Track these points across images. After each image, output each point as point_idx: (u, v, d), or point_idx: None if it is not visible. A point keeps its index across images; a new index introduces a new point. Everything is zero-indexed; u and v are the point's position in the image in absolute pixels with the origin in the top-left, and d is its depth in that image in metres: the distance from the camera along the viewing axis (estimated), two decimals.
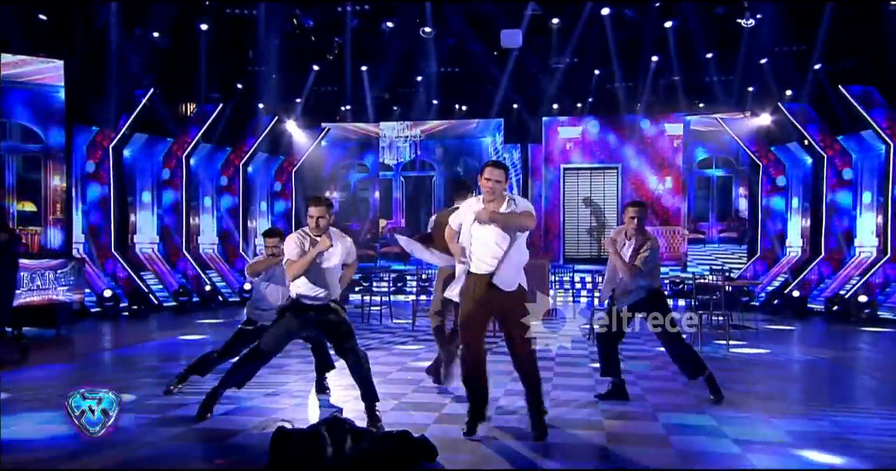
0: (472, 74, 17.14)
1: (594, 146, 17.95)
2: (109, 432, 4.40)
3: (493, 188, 4.93)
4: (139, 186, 15.51)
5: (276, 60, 15.71)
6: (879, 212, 14.40)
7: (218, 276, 16.34)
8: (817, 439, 4.99)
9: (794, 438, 5.01)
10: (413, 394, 6.50)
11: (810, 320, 13.43)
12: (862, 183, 14.89)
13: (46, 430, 5.00)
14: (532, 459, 4.56)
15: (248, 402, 5.98)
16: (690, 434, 5.13)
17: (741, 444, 4.82)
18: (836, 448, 4.76)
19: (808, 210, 16.01)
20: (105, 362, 8.85)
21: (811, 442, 4.91)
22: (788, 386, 7.36)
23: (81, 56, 12.84)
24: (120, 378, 6.97)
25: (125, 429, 4.88)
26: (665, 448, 4.79)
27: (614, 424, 5.38)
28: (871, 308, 13.02)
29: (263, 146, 17.58)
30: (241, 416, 5.58)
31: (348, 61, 16.26)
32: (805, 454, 4.67)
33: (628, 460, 4.56)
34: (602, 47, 15.57)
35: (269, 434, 4.29)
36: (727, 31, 14.57)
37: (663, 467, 4.44)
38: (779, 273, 15.87)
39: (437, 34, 14.74)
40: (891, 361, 9.41)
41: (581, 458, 4.69)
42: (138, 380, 6.92)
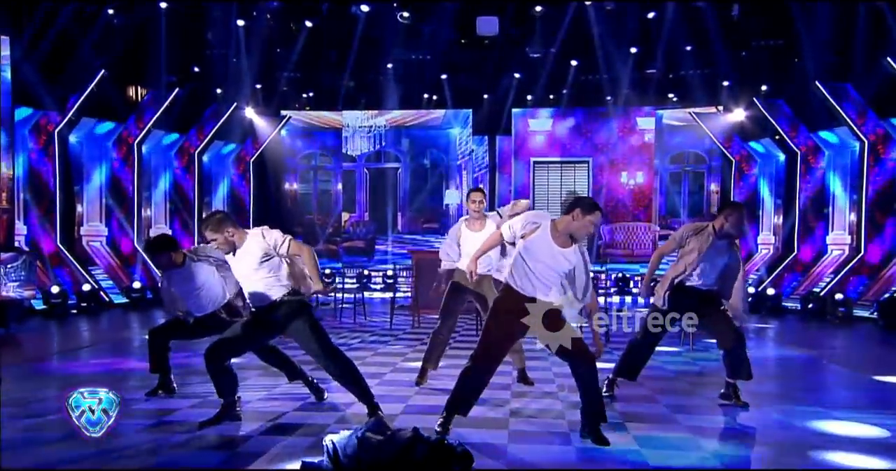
0: (442, 63, 16.50)
1: (565, 139, 17.56)
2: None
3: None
4: (87, 173, 14.47)
5: (237, 44, 14.81)
6: (852, 209, 14.36)
7: None
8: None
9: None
10: (417, 396, 6.11)
11: (786, 318, 13.29)
12: (835, 180, 14.84)
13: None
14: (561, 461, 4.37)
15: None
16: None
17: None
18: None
19: (780, 207, 15.92)
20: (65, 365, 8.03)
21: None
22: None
23: (28, 34, 11.82)
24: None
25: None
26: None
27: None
28: (845, 307, 12.93)
29: (220, 134, 16.65)
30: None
31: (327, 47, 15.43)
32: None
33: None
34: (578, 38, 15.13)
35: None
36: (706, 25, 14.29)
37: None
38: (751, 271, 15.74)
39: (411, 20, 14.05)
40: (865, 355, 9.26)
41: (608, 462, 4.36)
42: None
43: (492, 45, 15.32)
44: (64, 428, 4.39)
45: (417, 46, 15.67)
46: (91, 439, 4.20)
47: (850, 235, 14.43)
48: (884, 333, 11.20)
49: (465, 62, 16.32)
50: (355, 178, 18.34)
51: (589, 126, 17.40)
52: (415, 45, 15.57)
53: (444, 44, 15.62)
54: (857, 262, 13.70)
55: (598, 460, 4.41)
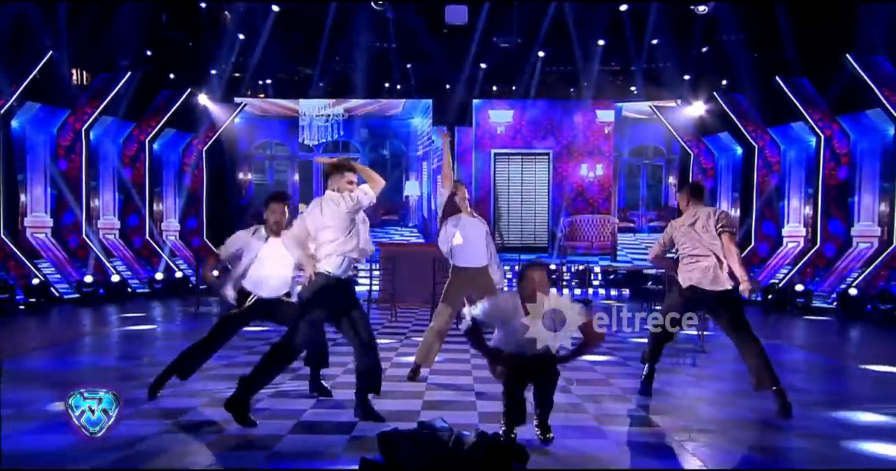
0: (405, 52, 16.18)
1: (526, 131, 17.50)
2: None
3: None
4: (30, 161, 13.65)
5: (195, 28, 14.18)
6: (808, 203, 14.74)
7: (123, 265, 14.72)
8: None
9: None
10: (431, 392, 5.94)
11: (748, 310, 13.49)
12: (791, 174, 15.19)
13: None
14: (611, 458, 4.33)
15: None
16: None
17: None
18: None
19: (737, 200, 16.23)
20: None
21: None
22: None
23: None
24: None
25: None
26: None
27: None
28: (804, 298, 13.26)
29: (173, 121, 15.96)
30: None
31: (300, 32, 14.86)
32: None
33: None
34: (546, 29, 15.05)
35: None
36: (672, 19, 14.40)
37: None
38: None
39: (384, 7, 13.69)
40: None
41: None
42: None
43: (457, 34, 15.09)
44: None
45: (382, 34, 15.32)
46: (111, 444, 4.11)
47: (805, 227, 14.81)
48: (844, 324, 11.50)
49: (428, 51, 16.02)
50: (313, 168, 17.89)
51: (550, 118, 17.37)
52: (380, 34, 15.21)
53: (409, 32, 15.31)
54: (814, 254, 14.07)
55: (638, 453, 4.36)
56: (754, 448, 4.59)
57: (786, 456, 4.50)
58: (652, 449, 4.57)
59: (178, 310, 12.34)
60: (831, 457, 4.42)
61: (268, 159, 18.26)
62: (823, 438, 4.80)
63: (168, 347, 7.38)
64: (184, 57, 15.07)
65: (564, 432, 4.63)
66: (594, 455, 4.32)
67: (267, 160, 18.23)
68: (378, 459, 3.88)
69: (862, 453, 4.48)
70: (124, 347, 8.72)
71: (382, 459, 3.87)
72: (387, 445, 3.85)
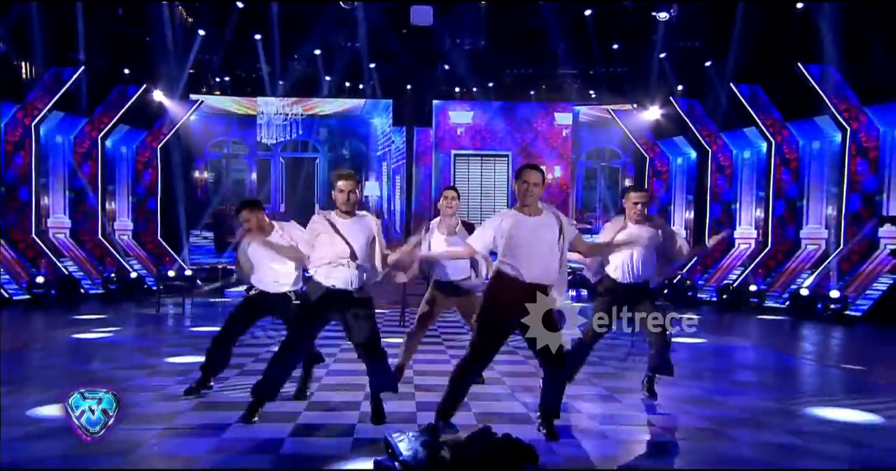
0: (366, 51, 16.08)
1: (485, 133, 17.61)
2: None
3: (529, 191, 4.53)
4: None
5: (153, 22, 13.84)
6: (759, 205, 15.22)
7: (74, 265, 14.25)
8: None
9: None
10: (420, 394, 5.87)
11: (703, 309, 13.86)
12: (743, 177, 15.67)
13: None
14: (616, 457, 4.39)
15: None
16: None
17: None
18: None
19: (691, 202, 16.65)
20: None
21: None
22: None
23: None
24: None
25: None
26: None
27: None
28: (758, 298, 13.69)
29: (126, 118, 15.54)
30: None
31: (260, 30, 14.55)
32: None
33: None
34: (503, 32, 15.17)
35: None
36: (629, 25, 14.68)
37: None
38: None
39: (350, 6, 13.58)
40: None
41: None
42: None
43: (419, 34, 15.08)
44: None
45: (346, 33, 15.20)
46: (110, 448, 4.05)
47: (756, 229, 15.29)
48: (795, 323, 11.88)
49: (389, 51, 15.98)
50: (270, 167, 17.64)
51: (509, 120, 17.52)
52: (343, 32, 15.09)
53: (371, 32, 15.23)
54: (766, 255, 14.54)
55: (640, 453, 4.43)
56: (747, 447, 4.70)
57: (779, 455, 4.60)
58: (652, 449, 4.66)
59: (135, 312, 11.99)
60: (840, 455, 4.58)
61: (224, 158, 17.92)
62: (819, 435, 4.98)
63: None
64: (139, 52, 14.65)
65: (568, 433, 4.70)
66: (599, 456, 4.39)
67: (224, 159, 17.89)
68: (388, 461, 3.88)
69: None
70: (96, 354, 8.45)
71: (392, 461, 3.87)
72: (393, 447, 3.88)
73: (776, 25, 13.60)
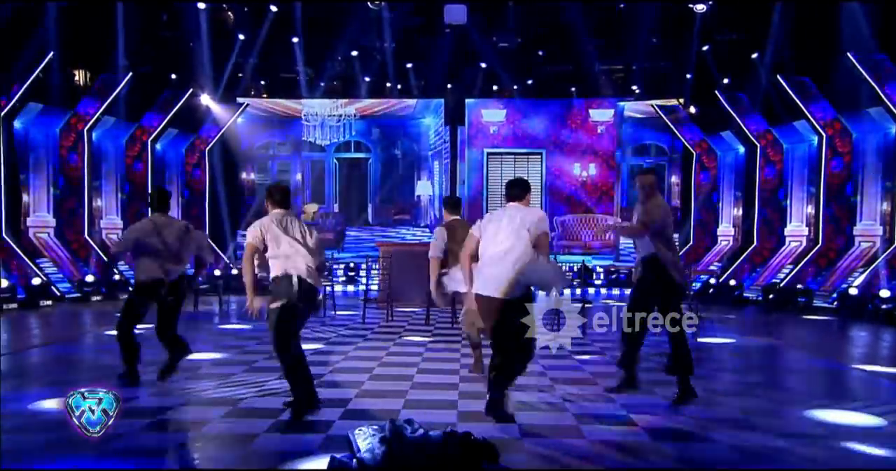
0: (409, 52, 16.15)
1: (518, 130, 17.46)
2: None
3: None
4: (32, 161, 13.75)
5: (196, 27, 14.23)
6: (809, 202, 14.64)
7: (126, 265, 14.76)
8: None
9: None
10: (414, 391, 5.92)
11: (748, 309, 13.43)
12: (793, 173, 15.10)
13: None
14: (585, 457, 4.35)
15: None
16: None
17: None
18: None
19: (740, 199, 16.15)
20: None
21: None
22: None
23: None
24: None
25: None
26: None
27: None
28: (805, 297, 13.18)
29: (175, 122, 16.05)
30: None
31: (303, 34, 14.83)
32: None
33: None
34: (545, 28, 15.00)
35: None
36: (672, 18, 14.33)
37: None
38: (711, 262, 15.94)
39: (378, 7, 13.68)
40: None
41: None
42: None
43: (455, 33, 15.06)
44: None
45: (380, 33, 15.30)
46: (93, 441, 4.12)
47: (807, 226, 14.71)
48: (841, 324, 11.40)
49: (426, 50, 16.01)
50: (325, 168, 17.92)
51: (543, 117, 17.31)
52: (378, 33, 15.19)
53: (404, 32, 15.29)
54: (816, 253, 13.98)
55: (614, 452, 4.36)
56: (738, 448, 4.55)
57: (768, 456, 4.46)
58: (629, 449, 4.55)
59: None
60: (819, 458, 4.42)
61: (270, 159, 18.30)
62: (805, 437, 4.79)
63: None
64: (184, 57, 15.10)
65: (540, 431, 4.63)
66: (567, 454, 4.32)
67: (269, 160, 18.27)
68: (346, 458, 3.90)
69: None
70: None
71: (350, 458, 3.88)
72: (352, 444, 3.87)
73: (821, 14, 13.04)
